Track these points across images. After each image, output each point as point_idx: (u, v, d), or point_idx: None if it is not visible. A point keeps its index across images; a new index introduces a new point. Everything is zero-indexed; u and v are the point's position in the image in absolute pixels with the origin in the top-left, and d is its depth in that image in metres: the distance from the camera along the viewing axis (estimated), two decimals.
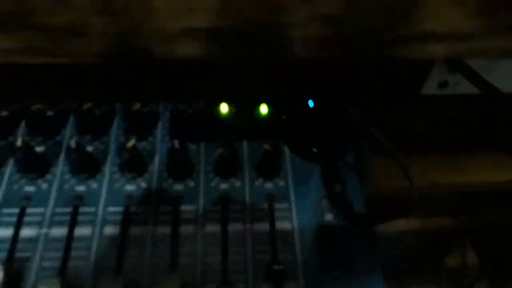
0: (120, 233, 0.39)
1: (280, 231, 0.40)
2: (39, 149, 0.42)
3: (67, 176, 0.41)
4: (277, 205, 0.42)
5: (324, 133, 0.45)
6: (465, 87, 0.57)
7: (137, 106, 0.43)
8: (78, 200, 0.40)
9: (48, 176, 0.41)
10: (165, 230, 0.40)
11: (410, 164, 0.40)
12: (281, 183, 0.43)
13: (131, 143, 0.40)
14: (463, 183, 0.53)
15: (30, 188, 0.40)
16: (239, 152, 0.44)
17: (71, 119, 0.45)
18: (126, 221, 0.40)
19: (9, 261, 0.36)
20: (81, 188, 0.41)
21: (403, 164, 0.40)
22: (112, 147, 0.44)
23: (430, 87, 0.58)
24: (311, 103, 0.46)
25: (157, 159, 0.44)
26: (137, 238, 0.39)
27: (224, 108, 0.48)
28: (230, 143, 0.42)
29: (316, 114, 0.46)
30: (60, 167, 0.42)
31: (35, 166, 0.40)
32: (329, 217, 0.42)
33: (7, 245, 0.37)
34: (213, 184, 0.43)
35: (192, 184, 0.42)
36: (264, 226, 0.41)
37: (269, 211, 0.41)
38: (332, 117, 0.45)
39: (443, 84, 0.58)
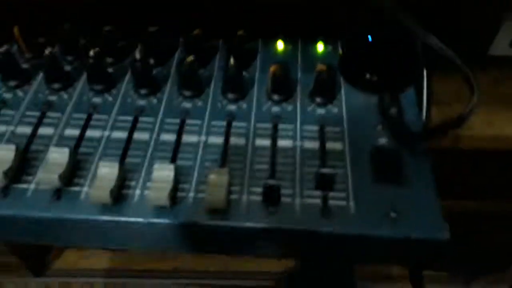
0: (176, 139, 0.40)
1: (331, 150, 0.40)
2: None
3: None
4: (329, 128, 0.41)
5: (384, 64, 0.44)
6: None
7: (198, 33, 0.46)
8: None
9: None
10: (218, 140, 0.40)
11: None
12: (334, 109, 0.43)
13: (190, 58, 0.42)
14: None
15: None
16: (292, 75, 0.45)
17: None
18: (181, 130, 0.41)
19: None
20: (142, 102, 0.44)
21: (463, 68, 0.38)
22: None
23: (499, 47, 0.55)
24: (369, 38, 0.46)
25: (214, 82, 0.45)
26: (192, 144, 0.40)
27: (280, 45, 0.49)
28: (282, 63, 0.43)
29: (375, 46, 0.45)
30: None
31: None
32: (382, 141, 0.40)
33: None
34: (265, 107, 0.43)
35: (244, 106, 0.43)
36: (314, 144, 0.40)
37: (320, 132, 0.41)
38: (393, 47, 0.45)
39: None
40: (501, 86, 0.54)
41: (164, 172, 0.36)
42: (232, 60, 0.42)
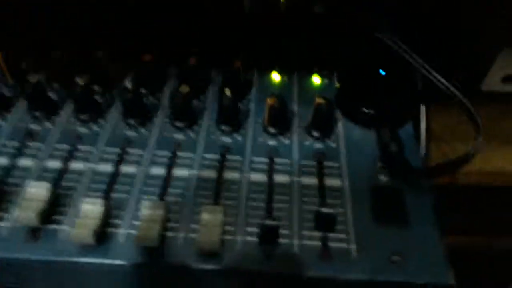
0: (166, 173, 0.38)
1: (330, 187, 0.38)
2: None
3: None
4: (327, 163, 0.40)
5: (381, 98, 0.43)
6: None
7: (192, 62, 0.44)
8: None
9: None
10: (211, 174, 0.38)
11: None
12: (332, 144, 0.41)
13: (185, 89, 0.40)
14: None
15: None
16: (289, 108, 0.43)
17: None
18: (172, 163, 0.39)
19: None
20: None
21: (468, 106, 0.37)
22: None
23: (492, 83, 0.55)
24: (382, 72, 0.45)
25: (207, 113, 0.43)
26: (183, 179, 0.38)
27: (276, 77, 0.48)
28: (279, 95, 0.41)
29: (372, 80, 0.44)
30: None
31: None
32: (383, 178, 0.39)
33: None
34: (260, 139, 0.41)
35: (239, 138, 0.41)
36: (312, 181, 0.38)
37: (318, 167, 0.39)
38: (390, 81, 0.44)
39: (506, 79, 0.54)
40: (496, 122, 0.54)
41: (153, 211, 0.33)
42: (227, 91, 0.40)
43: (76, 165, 0.38)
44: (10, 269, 0.33)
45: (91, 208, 0.33)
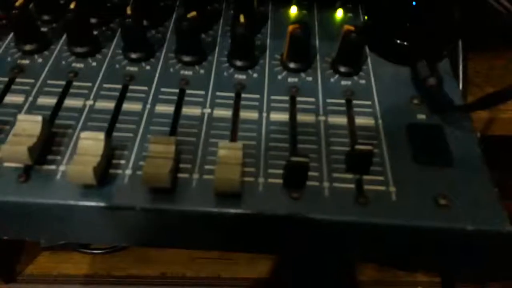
0: (174, 111, 0.33)
1: (362, 126, 0.33)
2: None
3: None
4: (357, 102, 0.35)
5: (417, 30, 0.38)
6: None
7: None
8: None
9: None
10: (225, 113, 0.34)
11: None
12: (362, 81, 0.37)
13: (192, 14, 0.35)
14: None
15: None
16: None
17: None
18: (181, 101, 0.34)
19: None
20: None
21: None
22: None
23: None
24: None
25: (218, 48, 0.39)
26: (194, 117, 0.33)
27: (293, 10, 0.43)
28: (303, 23, 0.36)
29: (406, 10, 0.39)
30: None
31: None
32: (420, 115, 0.34)
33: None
34: (279, 76, 0.37)
35: (255, 75, 0.37)
36: (341, 120, 0.34)
37: (347, 106, 0.35)
38: (426, 14, 0.39)
39: None
40: None
41: (162, 146, 0.29)
42: (242, 20, 0.35)
43: (72, 102, 0.33)
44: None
45: (91, 144, 0.28)
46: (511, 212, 0.30)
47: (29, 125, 0.29)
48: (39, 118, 0.29)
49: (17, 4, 0.34)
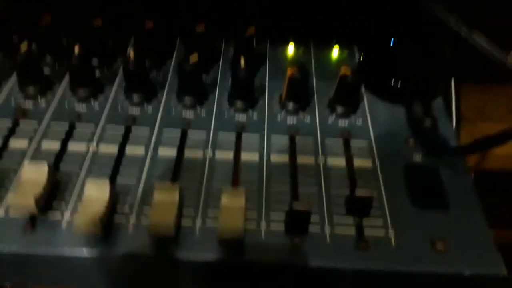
0: (177, 154, 0.34)
1: (360, 168, 0.34)
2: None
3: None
4: (355, 142, 0.36)
5: (410, 70, 0.39)
6: None
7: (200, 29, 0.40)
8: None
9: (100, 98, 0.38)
10: (226, 155, 0.34)
11: None
12: (359, 121, 0.38)
13: (194, 57, 0.36)
14: None
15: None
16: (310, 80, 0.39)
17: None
18: (183, 144, 0.35)
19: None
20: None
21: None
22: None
23: None
24: (392, 42, 0.41)
25: (219, 88, 0.39)
26: (196, 161, 0.34)
27: (290, 49, 0.44)
28: (301, 66, 0.37)
29: (400, 52, 0.40)
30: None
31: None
32: (416, 156, 0.35)
33: None
34: (279, 117, 0.38)
35: (255, 116, 0.37)
36: (340, 161, 0.35)
37: (345, 147, 0.35)
38: (420, 54, 0.40)
39: None
40: None
41: (166, 195, 0.29)
42: (242, 63, 0.36)
43: (76, 146, 0.34)
44: (5, 264, 0.29)
45: (96, 193, 0.29)
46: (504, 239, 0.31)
47: (35, 173, 0.29)
48: (45, 166, 0.30)
49: (21, 49, 0.35)
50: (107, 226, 0.29)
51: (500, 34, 0.33)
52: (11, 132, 0.34)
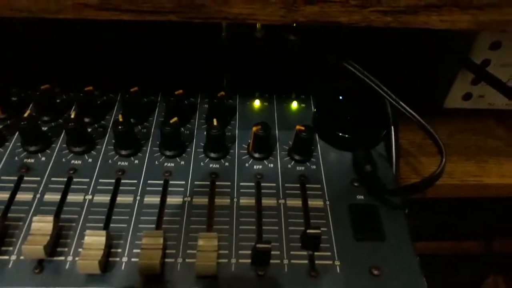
0: (160, 201, 0.40)
1: (312, 207, 0.41)
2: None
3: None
4: (310, 185, 0.43)
5: (354, 122, 0.47)
6: (490, 100, 0.60)
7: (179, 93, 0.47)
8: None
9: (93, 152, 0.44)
10: (202, 200, 0.41)
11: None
12: (313, 166, 0.45)
13: (174, 120, 0.43)
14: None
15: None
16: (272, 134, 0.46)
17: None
18: (165, 192, 0.41)
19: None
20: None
21: (431, 131, 0.41)
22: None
23: (453, 101, 0.60)
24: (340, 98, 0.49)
25: (195, 141, 0.46)
26: (176, 206, 0.40)
27: (257, 103, 0.51)
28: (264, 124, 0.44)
29: (346, 105, 0.48)
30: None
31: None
32: (360, 196, 0.43)
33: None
34: (247, 165, 0.45)
35: (227, 164, 0.44)
36: (297, 202, 0.42)
37: (302, 190, 0.43)
38: (363, 108, 0.48)
39: (466, 97, 0.60)
40: (456, 137, 0.59)
41: (152, 240, 0.36)
42: (215, 123, 0.43)
43: (74, 197, 0.40)
44: None
45: (95, 239, 0.35)
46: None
47: (43, 225, 0.35)
48: (51, 218, 0.36)
49: (25, 115, 0.41)
50: (104, 266, 0.35)
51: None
52: (17, 186, 0.40)
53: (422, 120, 0.42)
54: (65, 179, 0.41)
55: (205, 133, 0.46)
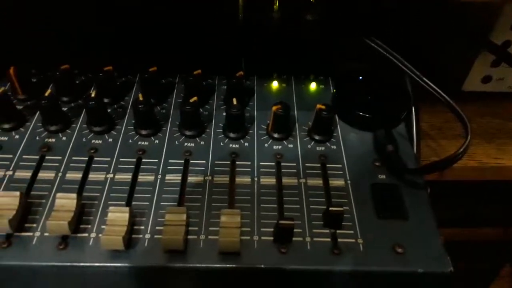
0: (181, 180, 0.41)
1: (334, 187, 0.41)
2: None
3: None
4: (330, 165, 0.43)
5: (375, 101, 0.47)
6: (510, 83, 0.59)
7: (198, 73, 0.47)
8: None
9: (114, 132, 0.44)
10: (223, 179, 0.41)
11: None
12: (333, 146, 0.45)
13: (193, 99, 0.42)
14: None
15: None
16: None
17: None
18: (186, 171, 0.41)
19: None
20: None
21: (455, 108, 0.41)
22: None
23: (472, 83, 0.59)
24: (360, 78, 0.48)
25: (215, 122, 0.46)
26: (198, 184, 0.40)
27: (275, 84, 0.51)
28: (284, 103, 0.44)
29: (366, 84, 0.48)
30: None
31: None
32: (382, 176, 0.42)
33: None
34: (266, 145, 0.44)
35: (246, 144, 0.44)
36: (318, 182, 0.41)
37: (322, 169, 0.42)
38: (384, 87, 0.47)
39: (485, 80, 0.59)
40: (477, 120, 0.58)
41: (175, 216, 0.36)
42: (234, 103, 0.43)
43: (95, 175, 0.40)
44: (42, 277, 0.35)
45: (118, 216, 0.35)
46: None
47: (66, 202, 0.35)
48: (74, 195, 0.36)
49: (46, 94, 0.41)
50: (127, 242, 0.35)
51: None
52: (39, 165, 0.40)
53: (446, 96, 0.41)
54: (86, 158, 0.41)
55: (224, 114, 0.46)
